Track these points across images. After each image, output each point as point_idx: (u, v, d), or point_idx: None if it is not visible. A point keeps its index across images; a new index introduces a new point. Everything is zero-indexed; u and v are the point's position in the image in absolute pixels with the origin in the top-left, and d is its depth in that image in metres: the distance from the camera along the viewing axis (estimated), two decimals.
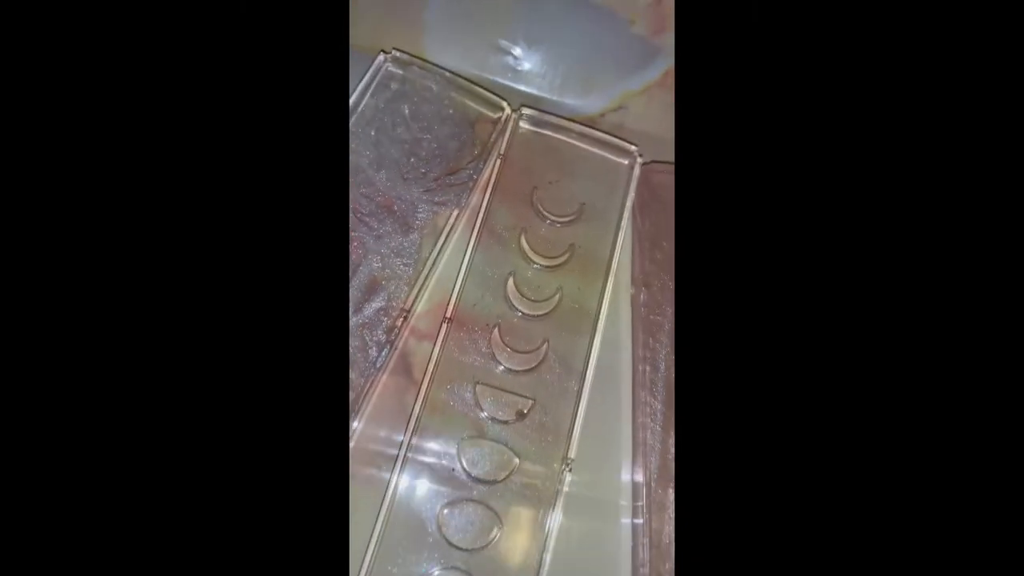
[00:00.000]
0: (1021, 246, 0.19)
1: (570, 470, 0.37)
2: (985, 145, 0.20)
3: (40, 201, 0.18)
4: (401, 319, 0.38)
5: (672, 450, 0.37)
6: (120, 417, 0.18)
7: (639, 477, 0.38)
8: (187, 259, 0.19)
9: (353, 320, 0.38)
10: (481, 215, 0.40)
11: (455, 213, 0.40)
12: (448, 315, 0.39)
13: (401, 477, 0.36)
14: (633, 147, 0.43)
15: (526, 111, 0.43)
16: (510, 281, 0.40)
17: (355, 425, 0.37)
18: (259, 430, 0.19)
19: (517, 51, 0.46)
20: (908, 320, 0.19)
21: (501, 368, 0.39)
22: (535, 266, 0.41)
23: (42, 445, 0.17)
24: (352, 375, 0.37)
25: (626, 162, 0.43)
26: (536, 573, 0.36)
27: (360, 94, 0.41)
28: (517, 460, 0.38)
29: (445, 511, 0.36)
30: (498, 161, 0.42)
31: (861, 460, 0.19)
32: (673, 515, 0.35)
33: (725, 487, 0.20)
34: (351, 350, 0.38)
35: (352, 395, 0.37)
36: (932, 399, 0.19)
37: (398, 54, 0.42)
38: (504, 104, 0.43)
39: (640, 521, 0.37)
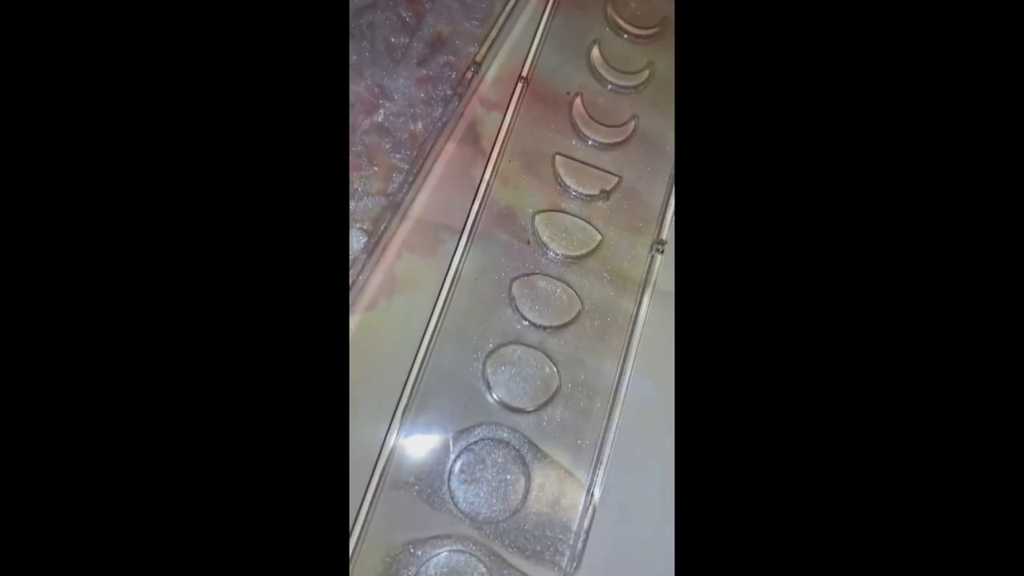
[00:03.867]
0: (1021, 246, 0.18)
1: (661, 252, 0.32)
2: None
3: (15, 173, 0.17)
4: (470, 71, 0.33)
5: None
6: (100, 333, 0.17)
7: None
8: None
9: (417, 72, 0.33)
10: None
11: None
12: (524, 73, 0.34)
13: (469, 249, 0.32)
14: None
15: None
16: (595, 50, 0.36)
17: (415, 194, 0.32)
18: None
19: None
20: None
21: (586, 141, 0.34)
22: (624, 36, 0.36)
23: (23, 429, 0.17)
24: (415, 127, 0.32)
25: None
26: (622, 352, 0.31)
27: None
28: (600, 237, 0.33)
29: (516, 284, 0.31)
30: None
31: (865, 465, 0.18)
32: None
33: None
34: (413, 103, 0.33)
35: (413, 153, 0.32)
36: (931, 394, 0.18)
37: None
38: None
39: None
